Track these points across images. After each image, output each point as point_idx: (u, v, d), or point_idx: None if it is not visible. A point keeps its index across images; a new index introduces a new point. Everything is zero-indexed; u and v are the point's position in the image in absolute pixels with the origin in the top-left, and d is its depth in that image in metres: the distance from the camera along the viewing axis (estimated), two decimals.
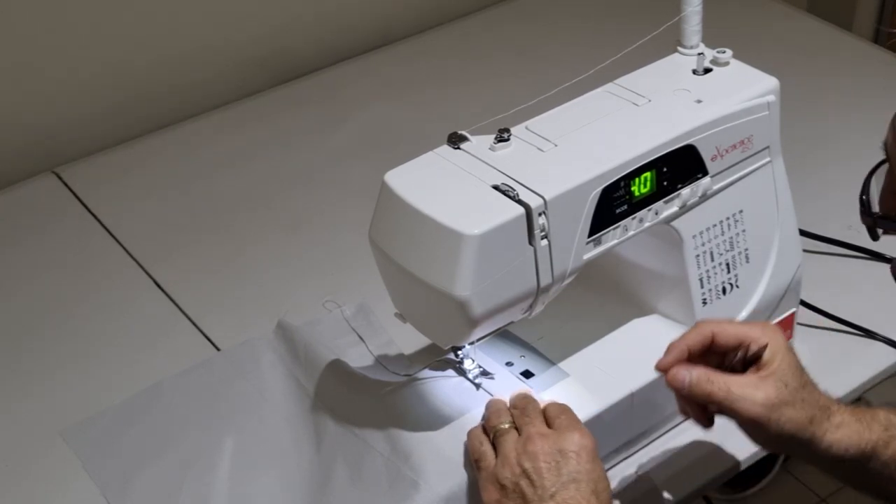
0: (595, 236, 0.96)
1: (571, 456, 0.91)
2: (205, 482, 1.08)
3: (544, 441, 0.92)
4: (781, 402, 0.92)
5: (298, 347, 1.16)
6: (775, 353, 0.93)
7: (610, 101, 1.03)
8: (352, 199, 1.44)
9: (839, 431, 0.93)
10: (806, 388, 0.93)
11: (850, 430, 0.93)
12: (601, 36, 1.68)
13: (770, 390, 0.92)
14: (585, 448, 0.92)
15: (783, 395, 0.92)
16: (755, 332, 0.95)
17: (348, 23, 1.75)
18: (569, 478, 0.90)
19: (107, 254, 1.40)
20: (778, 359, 0.93)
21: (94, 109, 1.58)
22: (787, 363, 0.93)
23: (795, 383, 0.93)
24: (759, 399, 0.91)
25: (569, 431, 0.93)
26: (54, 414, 1.18)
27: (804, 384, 0.94)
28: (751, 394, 0.92)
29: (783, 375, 0.92)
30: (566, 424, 0.94)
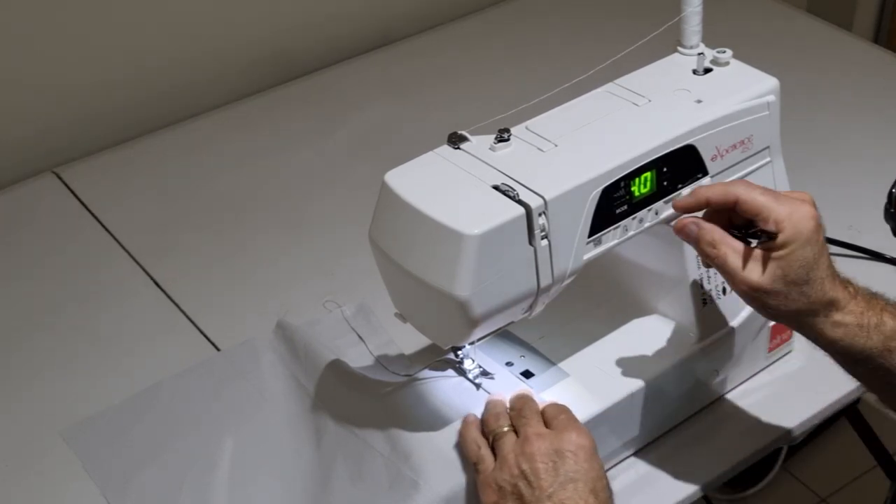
0: (595, 236, 0.96)
1: (569, 456, 0.91)
2: (205, 482, 1.08)
3: (541, 441, 0.92)
4: (771, 290, 0.91)
5: (298, 347, 1.16)
6: (788, 242, 0.91)
7: (610, 101, 1.03)
8: (352, 199, 1.44)
9: (834, 331, 0.93)
10: (809, 284, 0.92)
11: (844, 332, 0.93)
12: (601, 36, 1.68)
13: (764, 276, 0.91)
14: (583, 447, 0.92)
15: (777, 284, 0.91)
16: (782, 212, 0.91)
17: (348, 23, 1.75)
18: (566, 478, 0.90)
19: (107, 254, 1.40)
20: (790, 248, 0.91)
21: (94, 109, 1.58)
22: (798, 255, 0.91)
23: (797, 277, 0.91)
24: (749, 280, 0.91)
25: (566, 431, 0.93)
26: (54, 414, 1.18)
27: (809, 280, 0.92)
28: (743, 272, 0.92)
29: (786, 266, 0.91)
30: (564, 424, 0.94)
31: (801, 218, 0.92)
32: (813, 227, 0.92)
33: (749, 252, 0.93)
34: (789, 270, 0.91)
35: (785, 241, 0.91)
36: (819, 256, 0.93)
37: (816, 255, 0.92)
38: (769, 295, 0.92)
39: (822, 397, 1.15)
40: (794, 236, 0.91)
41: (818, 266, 0.93)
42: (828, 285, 0.93)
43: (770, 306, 0.93)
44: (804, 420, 1.14)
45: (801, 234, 0.92)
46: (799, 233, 0.92)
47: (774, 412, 1.14)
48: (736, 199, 0.93)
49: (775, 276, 0.92)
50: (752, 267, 0.92)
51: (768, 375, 1.17)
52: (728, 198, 0.94)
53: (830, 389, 1.15)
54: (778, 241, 0.92)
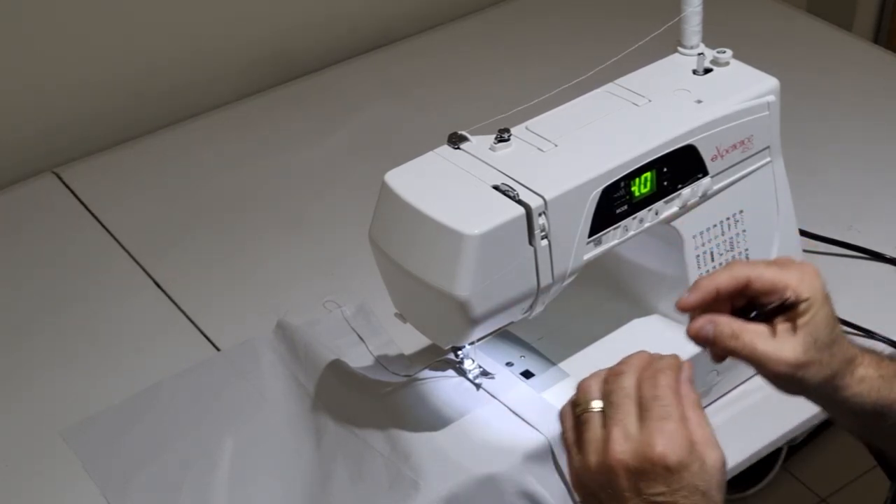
0: (595, 236, 0.96)
1: (651, 476, 0.77)
2: (205, 482, 1.08)
3: (623, 450, 0.78)
4: (808, 361, 0.86)
5: (298, 347, 1.16)
6: (811, 305, 0.86)
7: (610, 101, 1.03)
8: (352, 199, 1.44)
9: (860, 385, 0.89)
10: (836, 343, 0.88)
11: (870, 385, 0.90)
12: (601, 36, 1.68)
13: (798, 348, 0.86)
14: (667, 466, 0.77)
15: (811, 353, 0.86)
16: (793, 278, 0.86)
17: (348, 23, 1.75)
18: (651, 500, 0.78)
19: (106, 254, 1.40)
20: (812, 311, 0.86)
21: (94, 109, 1.58)
22: (821, 316, 0.87)
23: (826, 338, 0.87)
24: (786, 358, 0.85)
25: (651, 439, 0.78)
26: (54, 414, 1.18)
27: (835, 339, 0.87)
28: (777, 352, 0.85)
29: (815, 330, 0.86)
30: (651, 427, 0.79)
31: (812, 278, 0.88)
32: (822, 283, 0.89)
33: (775, 330, 0.87)
34: (818, 334, 0.87)
35: (808, 306, 0.86)
36: (833, 312, 0.88)
37: (833, 312, 0.88)
38: (807, 367, 0.86)
39: None
40: (815, 299, 0.87)
41: (836, 322, 0.89)
42: (846, 341, 0.90)
43: (806, 380, 0.87)
44: (804, 420, 1.14)
45: (819, 294, 0.87)
46: (817, 293, 0.87)
47: (774, 412, 1.14)
48: (747, 280, 0.87)
49: (807, 344, 0.86)
50: (784, 344, 0.86)
51: None
52: (739, 280, 0.87)
53: None
54: (801, 308, 0.86)
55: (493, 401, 1.04)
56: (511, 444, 1.01)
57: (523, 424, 1.02)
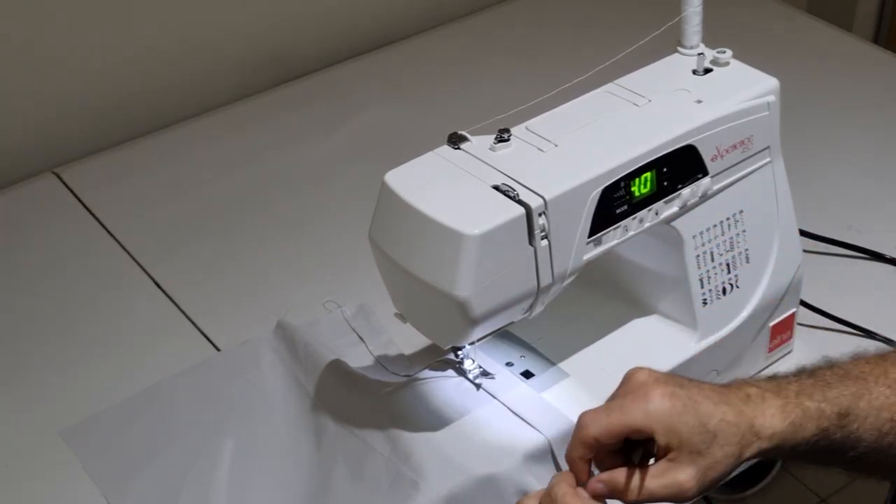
0: (595, 236, 0.96)
1: None
2: (205, 482, 1.08)
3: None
4: (706, 468, 0.82)
5: (298, 347, 1.16)
6: (668, 434, 0.81)
7: (610, 101, 1.03)
8: (352, 199, 1.44)
9: (770, 442, 0.83)
10: (718, 435, 0.82)
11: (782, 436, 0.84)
12: (601, 36, 1.68)
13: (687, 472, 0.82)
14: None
15: (701, 463, 0.82)
16: (637, 418, 0.82)
17: (349, 23, 1.75)
18: None
19: (107, 254, 1.40)
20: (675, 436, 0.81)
21: (94, 109, 1.58)
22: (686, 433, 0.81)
23: (702, 442, 0.82)
24: (685, 485, 0.82)
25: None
26: (54, 414, 1.18)
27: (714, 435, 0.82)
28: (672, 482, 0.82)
29: (689, 445, 0.81)
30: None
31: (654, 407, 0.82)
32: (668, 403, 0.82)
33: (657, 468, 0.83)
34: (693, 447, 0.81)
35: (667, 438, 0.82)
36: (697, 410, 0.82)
37: (695, 413, 0.82)
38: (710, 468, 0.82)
39: None
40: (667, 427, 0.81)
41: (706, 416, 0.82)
42: (730, 417, 0.82)
43: (715, 480, 0.83)
44: None
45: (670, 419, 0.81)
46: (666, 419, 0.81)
47: None
48: (595, 440, 0.83)
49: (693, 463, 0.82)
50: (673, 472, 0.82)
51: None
52: (588, 444, 0.83)
53: None
54: (661, 444, 0.82)
55: (493, 401, 1.04)
56: (511, 444, 1.01)
57: (523, 424, 1.02)
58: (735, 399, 0.84)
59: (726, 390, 0.85)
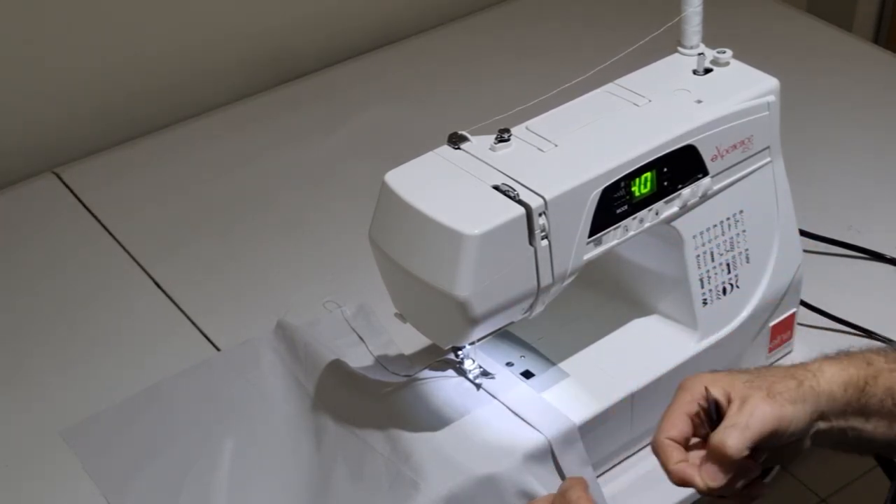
0: (595, 236, 0.96)
1: None
2: (204, 482, 1.08)
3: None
4: (769, 390, 0.86)
5: (298, 347, 1.16)
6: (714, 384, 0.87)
7: (610, 101, 1.03)
8: (352, 199, 1.44)
9: (825, 373, 0.88)
10: (761, 370, 0.89)
11: (833, 368, 0.88)
12: (601, 36, 1.68)
13: (751, 392, 0.86)
14: None
15: (761, 385, 0.86)
16: (688, 395, 0.88)
17: (348, 23, 1.75)
18: None
19: (107, 254, 1.40)
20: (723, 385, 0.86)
21: (94, 109, 1.58)
22: (729, 379, 0.87)
23: (751, 375, 0.88)
24: (758, 404, 0.85)
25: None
26: (54, 414, 1.18)
27: (756, 371, 0.89)
28: (749, 410, 0.85)
29: (741, 380, 0.87)
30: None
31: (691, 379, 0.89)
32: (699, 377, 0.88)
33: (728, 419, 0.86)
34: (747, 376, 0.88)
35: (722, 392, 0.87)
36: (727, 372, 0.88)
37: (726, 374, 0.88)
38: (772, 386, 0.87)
39: None
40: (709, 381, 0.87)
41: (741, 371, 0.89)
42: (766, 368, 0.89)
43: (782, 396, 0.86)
44: None
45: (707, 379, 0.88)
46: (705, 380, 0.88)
47: None
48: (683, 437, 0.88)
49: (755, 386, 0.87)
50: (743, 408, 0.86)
51: None
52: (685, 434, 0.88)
53: None
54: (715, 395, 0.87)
55: (493, 401, 1.04)
56: (511, 444, 1.01)
57: (523, 424, 1.02)
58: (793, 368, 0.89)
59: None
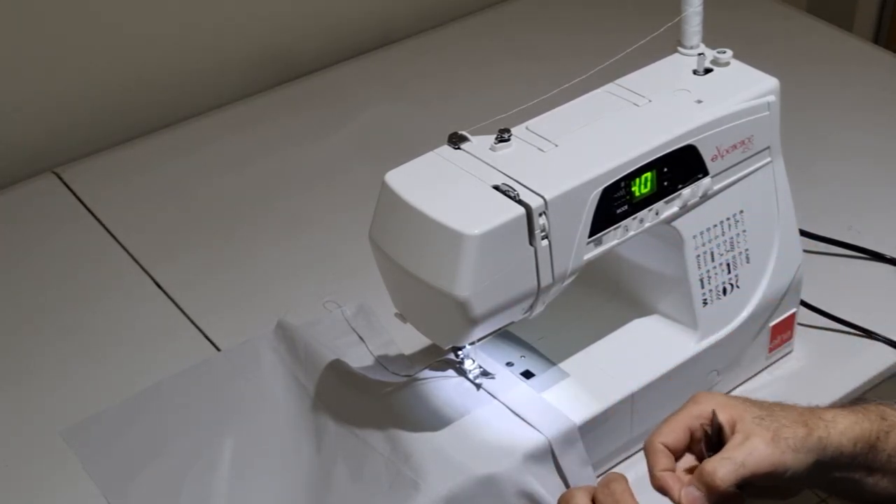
0: (595, 236, 0.96)
1: None
2: (205, 482, 1.08)
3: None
4: (775, 434, 0.84)
5: (298, 347, 1.16)
6: (724, 409, 0.86)
7: (610, 101, 1.03)
8: (352, 199, 1.44)
9: (838, 425, 0.86)
10: (775, 407, 0.87)
11: (847, 420, 0.86)
12: (601, 36, 1.68)
13: (757, 431, 0.84)
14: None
15: (769, 427, 0.85)
16: (696, 409, 0.87)
17: (348, 23, 1.75)
18: None
19: (107, 254, 1.40)
20: (732, 413, 0.86)
21: (94, 109, 1.58)
22: (740, 409, 0.86)
23: (764, 412, 0.86)
24: (759, 445, 0.84)
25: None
26: (54, 414, 1.18)
27: (770, 408, 0.87)
28: (748, 448, 0.84)
29: (752, 414, 0.86)
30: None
31: (704, 396, 0.88)
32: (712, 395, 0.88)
33: (731, 443, 0.85)
34: (755, 413, 0.86)
35: (729, 417, 0.86)
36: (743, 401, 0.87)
37: (741, 402, 0.87)
38: (780, 430, 0.85)
39: (822, 398, 1.15)
40: (722, 404, 0.86)
41: (755, 402, 0.87)
42: (782, 405, 0.88)
43: (788, 439, 0.85)
44: None
45: (722, 401, 0.87)
46: (720, 402, 0.87)
47: None
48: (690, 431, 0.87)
49: (760, 423, 0.85)
50: (745, 439, 0.85)
51: (768, 375, 1.17)
52: (678, 444, 0.87)
53: (830, 390, 1.15)
54: (722, 420, 0.86)
55: (493, 401, 1.04)
56: (511, 444, 1.01)
57: (523, 424, 1.02)
58: (807, 413, 0.87)
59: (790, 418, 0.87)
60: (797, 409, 0.88)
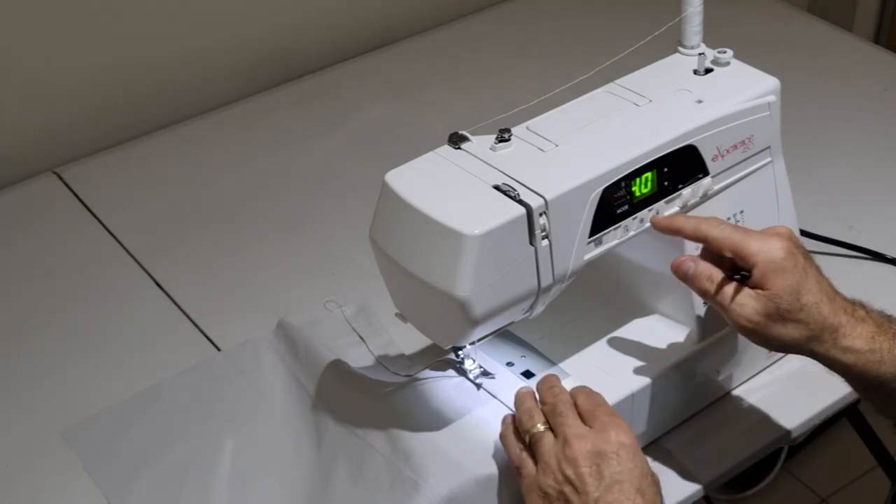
0: (596, 236, 0.96)
1: (612, 457, 0.90)
2: (205, 482, 1.08)
3: (582, 443, 0.90)
4: (769, 322, 0.93)
5: (299, 347, 1.16)
6: (766, 275, 0.92)
7: (611, 101, 1.03)
8: (352, 199, 1.44)
9: (847, 356, 0.93)
10: (804, 311, 0.93)
11: (858, 357, 0.93)
12: (602, 36, 1.68)
13: (759, 307, 0.93)
14: (624, 446, 0.91)
15: (772, 315, 0.93)
16: (751, 247, 0.93)
17: (348, 23, 1.75)
18: (611, 480, 0.89)
19: (107, 254, 1.40)
20: (769, 280, 0.92)
21: (94, 109, 1.58)
22: (781, 286, 0.92)
23: (788, 306, 0.92)
24: (747, 314, 0.93)
25: (606, 430, 0.91)
26: (54, 414, 1.18)
27: (802, 307, 0.93)
28: (741, 307, 0.93)
29: (775, 297, 0.92)
30: (603, 422, 0.92)
31: (769, 249, 0.93)
32: (783, 255, 0.93)
33: (739, 289, 0.94)
34: (780, 300, 0.93)
35: (760, 274, 0.93)
36: (803, 281, 0.93)
37: (800, 280, 0.93)
38: (766, 327, 0.93)
39: (822, 397, 1.15)
40: (768, 268, 0.93)
41: (806, 291, 0.93)
42: (826, 310, 0.94)
43: (772, 337, 0.94)
44: (804, 420, 1.14)
45: (774, 265, 0.93)
46: (771, 263, 0.93)
47: (774, 412, 1.14)
48: (705, 238, 0.96)
49: (768, 307, 0.93)
50: (745, 301, 0.93)
51: (768, 375, 1.17)
52: (697, 234, 0.96)
53: (830, 389, 1.15)
54: (753, 276, 0.94)
55: (493, 401, 1.04)
56: None
57: None
58: (841, 302, 0.95)
59: (838, 294, 0.96)
60: (820, 322, 0.93)
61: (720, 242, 0.95)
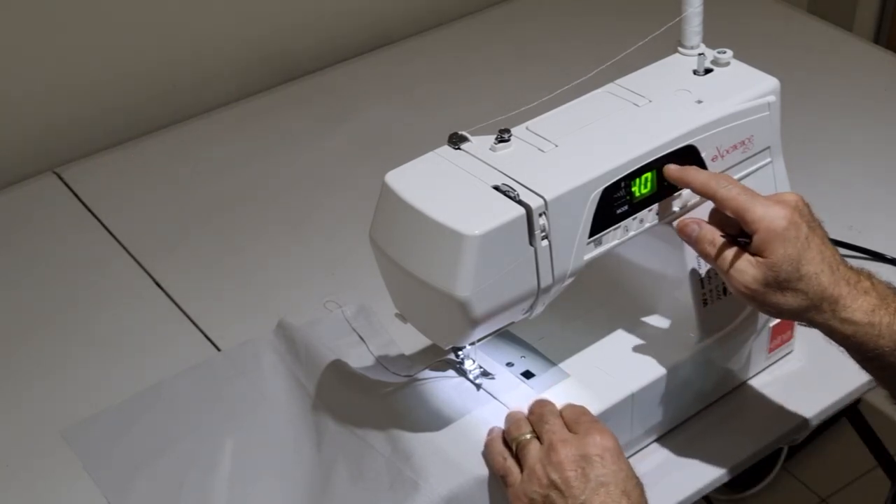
0: (596, 237, 0.96)
1: (596, 460, 0.91)
2: (205, 482, 1.08)
3: (567, 448, 0.92)
4: (768, 290, 0.93)
5: (299, 347, 1.16)
6: (766, 243, 0.93)
7: (611, 101, 1.03)
8: (352, 199, 1.44)
9: (846, 328, 0.94)
10: (803, 280, 0.93)
11: (857, 329, 0.94)
12: (602, 36, 1.68)
13: (757, 275, 0.93)
14: (608, 449, 0.92)
15: (771, 283, 0.93)
16: (755, 213, 0.93)
17: (348, 23, 1.75)
18: (597, 482, 0.90)
19: (107, 254, 1.40)
20: (769, 249, 0.93)
21: (94, 109, 1.58)
22: (781, 254, 0.92)
23: (787, 275, 0.93)
24: (746, 280, 0.93)
25: (590, 434, 0.93)
26: (54, 414, 1.18)
27: (801, 276, 0.93)
28: (740, 273, 0.93)
29: (774, 266, 0.92)
30: (586, 427, 0.94)
31: (772, 218, 0.93)
32: (784, 224, 0.93)
33: (740, 254, 0.94)
34: (778, 269, 0.93)
35: (760, 242, 0.93)
36: (804, 251, 0.93)
37: (801, 251, 0.93)
38: (764, 294, 0.94)
39: (822, 398, 1.15)
40: (768, 237, 0.93)
41: (807, 261, 0.93)
42: (826, 280, 0.94)
43: (770, 304, 0.94)
44: (804, 420, 1.14)
45: (775, 234, 0.93)
46: (772, 232, 0.93)
47: (774, 413, 1.14)
48: (713, 196, 0.96)
49: (766, 276, 0.93)
50: (745, 268, 0.94)
51: (768, 376, 1.18)
52: (706, 190, 0.96)
53: (830, 390, 1.15)
54: (753, 243, 0.94)
55: (493, 401, 1.04)
56: None
57: None
58: (844, 272, 0.95)
59: (843, 265, 0.96)
60: (819, 292, 0.94)
61: (726, 203, 0.95)
